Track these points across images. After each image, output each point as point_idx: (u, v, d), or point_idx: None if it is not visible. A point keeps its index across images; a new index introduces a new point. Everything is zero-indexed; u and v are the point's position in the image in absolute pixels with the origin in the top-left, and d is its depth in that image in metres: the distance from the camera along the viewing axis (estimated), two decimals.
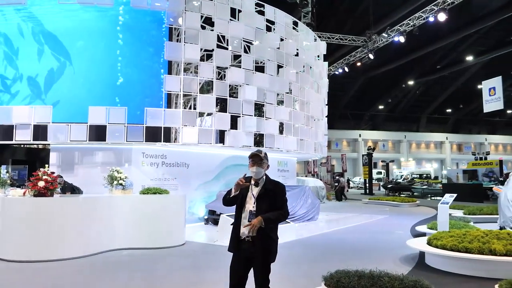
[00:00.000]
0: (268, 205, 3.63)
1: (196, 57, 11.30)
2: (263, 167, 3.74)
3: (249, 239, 3.63)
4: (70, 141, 10.43)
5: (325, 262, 7.18)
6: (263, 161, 3.73)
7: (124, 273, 6.40)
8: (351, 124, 51.35)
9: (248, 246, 3.64)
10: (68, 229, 7.40)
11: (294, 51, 13.85)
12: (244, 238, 3.65)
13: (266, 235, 3.62)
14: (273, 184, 3.78)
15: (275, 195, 3.70)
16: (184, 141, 11.11)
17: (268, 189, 3.71)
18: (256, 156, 3.73)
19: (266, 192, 3.69)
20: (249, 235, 3.61)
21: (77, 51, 11.30)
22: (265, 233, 3.61)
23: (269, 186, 3.73)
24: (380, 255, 7.78)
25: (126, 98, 11.21)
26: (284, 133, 13.46)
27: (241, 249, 3.68)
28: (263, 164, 3.73)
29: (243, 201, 3.74)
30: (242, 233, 3.65)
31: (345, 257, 7.60)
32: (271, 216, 3.59)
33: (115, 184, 8.70)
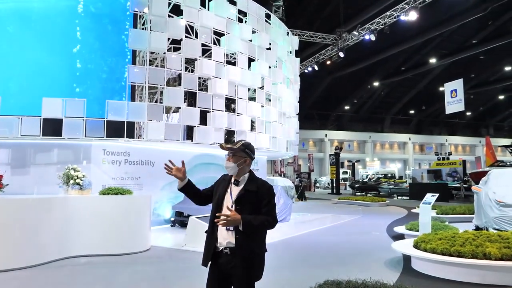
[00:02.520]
0: (249, 210, 2.89)
1: (163, 46, 10.50)
2: (237, 161, 2.97)
3: (227, 251, 2.90)
4: (21, 135, 9.38)
5: (306, 268, 6.62)
6: (236, 154, 2.98)
7: (80, 285, 5.57)
8: (317, 124, 51.49)
9: (226, 259, 2.90)
10: (14, 234, 6.45)
11: (266, 44, 13.28)
12: (222, 250, 2.92)
13: (246, 247, 2.88)
14: (256, 184, 3.00)
15: (259, 198, 2.95)
16: (149, 137, 10.29)
17: (250, 190, 2.94)
18: (228, 148, 3.00)
19: (246, 193, 2.94)
20: (227, 247, 2.89)
21: (31, 36, 10.22)
22: (245, 244, 2.87)
23: (251, 186, 2.96)
24: (363, 259, 7.30)
25: (85, 90, 10.26)
26: (256, 130, 12.86)
27: (217, 263, 2.95)
28: (235, 157, 2.97)
29: (219, 203, 2.99)
30: (220, 244, 2.92)
31: (327, 262, 7.06)
32: (252, 220, 2.83)
33: (71, 183, 7.80)
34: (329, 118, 53.08)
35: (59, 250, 7.01)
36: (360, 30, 23.04)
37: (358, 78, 43.17)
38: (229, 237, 2.88)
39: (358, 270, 6.04)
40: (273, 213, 2.99)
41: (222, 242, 2.90)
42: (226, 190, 3.01)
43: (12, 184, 8.84)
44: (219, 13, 11.58)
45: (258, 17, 12.98)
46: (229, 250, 2.88)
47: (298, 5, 29.63)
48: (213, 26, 11.48)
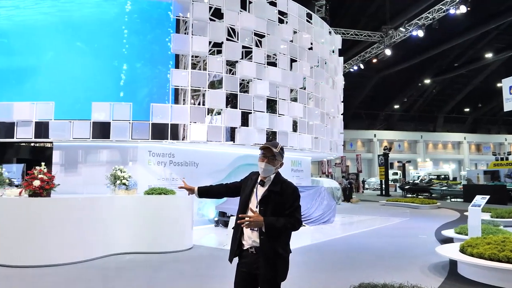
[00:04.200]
0: (272, 211, 2.87)
1: (204, 50, 10.72)
2: (275, 165, 2.96)
3: (253, 250, 2.90)
4: (72, 138, 9.92)
5: (345, 271, 6.49)
6: (276, 158, 2.96)
7: (122, 281, 5.81)
8: (365, 124, 50.29)
9: (251, 259, 2.91)
10: (65, 232, 6.84)
11: (308, 44, 13.18)
12: (247, 248, 2.93)
13: (270, 247, 2.85)
14: (280, 184, 2.97)
15: (284, 199, 2.92)
16: (192, 138, 10.52)
17: (274, 191, 2.92)
18: (268, 149, 2.97)
19: (271, 194, 2.92)
20: (252, 246, 2.89)
21: (81, 44, 10.80)
22: (269, 244, 2.85)
23: (276, 187, 2.94)
24: (405, 262, 7.05)
25: (132, 94, 10.67)
26: (298, 131, 12.78)
27: (242, 262, 2.97)
28: (275, 161, 2.96)
29: (245, 203, 3.00)
30: (245, 242, 2.94)
31: (367, 265, 6.89)
32: (275, 222, 2.81)
33: (118, 183, 8.16)
34: (377, 117, 51.70)
35: (105, 247, 7.34)
36: (407, 26, 22.28)
37: (408, 76, 41.74)
38: (253, 237, 2.89)
39: (398, 274, 5.87)
40: (297, 215, 2.94)
41: (248, 241, 2.91)
42: (252, 190, 3.01)
43: (65, 184, 9.38)
44: (260, 15, 11.63)
45: (299, 17, 12.90)
46: (254, 249, 2.89)
47: (342, 4, 29.16)
48: (253, 28, 11.56)
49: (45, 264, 6.50)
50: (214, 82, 13.86)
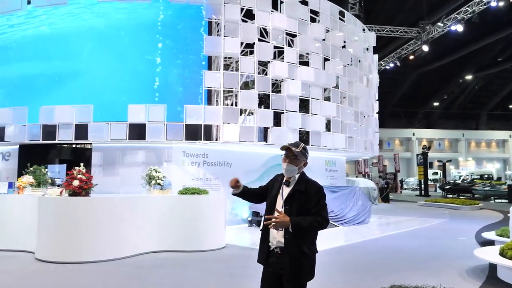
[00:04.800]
0: (298, 210, 2.89)
1: (236, 51, 10.81)
2: (297, 165, 2.99)
3: (278, 250, 2.93)
4: (110, 140, 10.27)
5: (378, 272, 6.38)
6: (298, 158, 2.99)
7: (155, 278, 5.96)
8: (403, 123, 48.99)
9: (276, 259, 2.94)
10: (102, 230, 7.11)
11: (341, 43, 13.01)
12: (273, 249, 2.95)
13: (296, 248, 2.88)
14: (305, 183, 3.00)
15: (309, 198, 2.94)
16: (225, 139, 10.63)
17: (300, 190, 2.95)
18: (289, 150, 3.01)
19: (296, 193, 2.95)
20: (277, 246, 2.92)
21: (117, 48, 11.17)
22: (295, 245, 2.87)
23: (300, 186, 2.97)
24: (441, 265, 6.85)
25: (166, 95, 10.93)
26: (332, 130, 12.65)
27: (268, 262, 2.99)
28: (297, 161, 2.99)
29: (272, 204, 3.02)
30: (271, 243, 2.96)
31: (401, 267, 6.74)
32: (302, 221, 2.83)
33: (153, 183, 8.39)
34: (416, 115, 50.26)
35: (140, 245, 7.55)
36: (445, 21, 21.55)
37: (447, 72, 40.33)
38: (279, 237, 2.91)
39: (433, 277, 5.71)
40: (324, 213, 2.96)
41: (273, 241, 2.94)
42: (278, 191, 3.04)
43: (103, 184, 9.76)
44: (291, 15, 11.60)
45: (331, 16, 12.76)
46: (279, 249, 2.91)
47: (377, 1, 28.57)
48: (285, 28, 11.54)
49: (82, 260, 6.77)
50: (249, 83, 13.96)
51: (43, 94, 11.24)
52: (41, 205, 7.26)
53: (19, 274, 6.23)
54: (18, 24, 11.92)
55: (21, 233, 7.65)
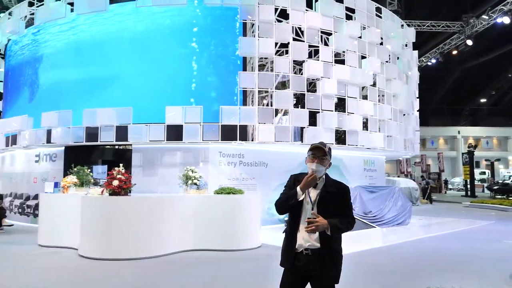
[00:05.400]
0: (330, 212, 2.89)
1: (270, 52, 10.84)
2: (325, 165, 2.95)
3: (308, 252, 2.89)
4: (149, 141, 10.58)
5: (415, 275, 6.21)
6: (326, 157, 2.95)
7: (191, 277, 6.10)
8: (448, 120, 47.18)
9: (305, 261, 2.89)
10: (141, 228, 7.34)
11: (378, 39, 12.73)
12: (302, 251, 2.91)
13: (331, 247, 2.89)
14: (336, 185, 3.01)
15: (340, 199, 2.95)
16: (260, 139, 10.68)
17: (330, 191, 2.94)
18: (319, 149, 2.96)
19: (327, 195, 2.93)
20: (308, 248, 2.89)
21: (154, 52, 11.49)
22: (330, 245, 2.88)
23: (331, 188, 2.96)
24: (484, 268, 6.57)
25: (202, 97, 11.13)
26: (369, 129, 12.41)
27: (297, 265, 2.93)
28: (325, 160, 2.95)
29: (298, 207, 2.98)
30: (299, 245, 2.92)
31: (440, 269, 6.52)
32: (338, 223, 2.85)
33: (190, 183, 8.57)
34: (461, 112, 48.28)
35: (178, 244, 7.73)
36: (490, 14, 20.56)
37: (495, 67, 38.50)
38: (311, 239, 2.89)
39: (473, 280, 5.50)
40: (352, 214, 3.02)
41: (302, 243, 2.90)
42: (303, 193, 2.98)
43: (143, 183, 10.08)
44: (326, 13, 11.49)
45: (367, 12, 12.52)
46: (310, 251, 2.88)
47: None
48: (320, 27, 11.45)
49: (122, 257, 7.02)
50: (286, 82, 13.96)
51: (86, 98, 11.74)
52: (84, 204, 7.59)
53: (63, 270, 6.55)
54: (61, 31, 12.55)
55: (65, 231, 8.04)
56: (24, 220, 12.55)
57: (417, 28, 22.21)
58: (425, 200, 22.37)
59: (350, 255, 7.56)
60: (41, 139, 11.60)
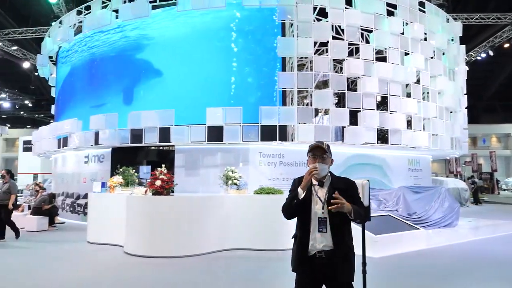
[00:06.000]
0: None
1: (309, 51, 10.78)
2: (327, 163, 2.92)
3: (322, 254, 2.84)
4: (190, 142, 10.82)
5: (458, 279, 5.99)
6: (326, 155, 2.92)
7: (230, 275, 6.19)
8: (501, 117, 44.68)
9: (320, 263, 2.84)
10: (183, 227, 7.55)
11: (421, 35, 12.32)
12: (315, 253, 2.85)
13: (345, 245, 2.88)
14: (342, 181, 2.99)
15: (349, 195, 2.90)
16: (300, 139, 10.64)
17: (339, 189, 2.87)
18: (318, 148, 2.92)
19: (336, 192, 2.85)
20: (321, 251, 2.83)
21: (194, 54, 11.75)
22: (343, 242, 2.87)
23: (339, 185, 2.92)
24: None
25: (241, 97, 11.25)
26: (413, 128, 12.04)
27: (312, 269, 2.87)
28: (326, 158, 2.92)
29: (306, 207, 2.91)
30: (312, 249, 2.85)
31: (485, 274, 6.27)
32: (361, 210, 2.88)
33: (230, 183, 8.71)
34: None
35: (218, 243, 7.88)
36: None
37: None
38: (325, 240, 2.85)
39: None
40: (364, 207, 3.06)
41: (317, 246, 2.85)
42: (311, 193, 2.93)
43: (185, 183, 10.33)
44: (366, 10, 11.27)
45: (410, 8, 12.15)
46: (324, 253, 2.83)
47: None
48: (360, 24, 11.25)
49: (164, 255, 7.25)
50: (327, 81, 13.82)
51: (131, 101, 12.19)
52: (128, 203, 7.90)
53: (110, 266, 6.85)
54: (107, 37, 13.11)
55: (112, 229, 8.40)
56: (75, 218, 13.22)
57: (465, 21, 21.29)
58: (473, 202, 21.46)
59: (391, 257, 7.41)
60: (89, 141, 12.17)
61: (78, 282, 5.81)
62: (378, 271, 6.35)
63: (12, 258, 7.58)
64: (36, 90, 29.30)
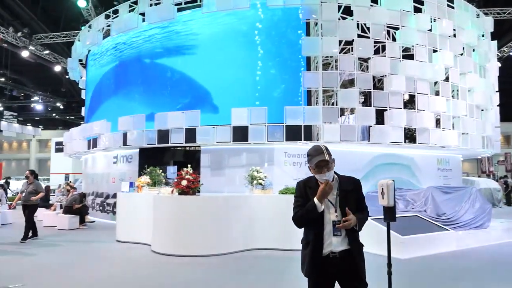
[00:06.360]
0: (351, 209, 2.84)
1: (334, 50, 10.69)
2: (332, 167, 2.90)
3: (336, 255, 2.83)
4: (216, 142, 10.92)
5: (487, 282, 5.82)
6: (329, 162, 2.87)
7: (255, 275, 6.23)
8: None
9: (334, 263, 2.83)
10: (208, 226, 7.63)
11: (449, 31, 12.02)
12: (328, 254, 2.84)
13: (358, 243, 2.91)
14: (350, 181, 3.00)
15: (357, 195, 2.98)
16: (325, 139, 10.57)
17: (348, 190, 2.92)
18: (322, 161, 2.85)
19: (347, 194, 2.91)
20: (335, 251, 2.83)
21: (220, 55, 11.85)
22: (356, 240, 2.89)
23: (347, 186, 2.94)
24: None
25: (266, 97, 11.27)
26: (441, 127, 11.76)
27: (326, 270, 2.85)
28: (330, 164, 2.88)
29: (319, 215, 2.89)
30: (326, 251, 2.84)
31: None
32: (362, 218, 2.91)
33: (255, 183, 8.75)
34: None
35: (244, 242, 7.92)
36: None
37: None
38: (341, 243, 2.84)
39: None
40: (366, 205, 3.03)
41: (331, 248, 2.84)
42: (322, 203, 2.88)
43: (211, 183, 10.44)
44: (392, 7, 11.09)
45: (437, 4, 11.87)
46: (338, 253, 2.83)
47: None
48: (386, 22, 11.09)
49: (190, 254, 7.35)
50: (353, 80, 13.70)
51: (157, 101, 12.42)
52: (155, 203, 8.04)
53: (137, 264, 7.01)
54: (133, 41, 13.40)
55: (140, 228, 8.57)
56: (105, 217, 13.56)
57: (497, 16, 20.61)
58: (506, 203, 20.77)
59: (419, 258, 7.28)
60: (118, 141, 12.45)
61: (108, 279, 5.97)
62: (404, 272, 6.25)
63: (46, 255, 7.85)
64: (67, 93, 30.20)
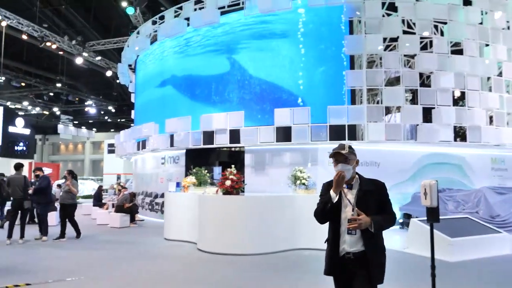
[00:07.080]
0: (371, 210, 2.82)
1: (378, 48, 10.50)
2: (351, 164, 2.92)
3: (350, 256, 2.86)
4: (260, 143, 11.04)
5: None
6: (348, 157, 2.91)
7: (296, 274, 6.26)
8: None
9: (349, 264, 2.87)
10: (252, 225, 7.75)
11: (502, 24, 11.45)
12: (344, 255, 2.88)
13: (377, 247, 2.86)
14: (372, 183, 2.97)
15: (379, 197, 2.92)
16: (370, 138, 10.42)
17: (368, 190, 2.90)
18: (338, 154, 2.92)
19: (365, 194, 2.89)
20: (350, 252, 2.85)
21: (263, 55, 11.97)
22: (376, 243, 2.85)
23: (368, 186, 2.92)
24: None
25: (309, 97, 11.27)
26: (495, 124, 11.24)
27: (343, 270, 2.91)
28: (349, 160, 2.91)
29: (336, 212, 2.94)
30: (342, 250, 2.89)
31: None
32: (381, 220, 2.82)
33: (298, 183, 8.76)
34: None
35: (287, 242, 7.97)
36: None
37: None
38: (355, 242, 2.86)
39: None
40: (392, 211, 2.96)
41: (347, 248, 2.87)
42: (341, 196, 2.94)
43: (255, 183, 10.58)
44: (439, 1, 10.73)
45: None
46: (352, 254, 2.85)
47: None
48: (432, 17, 10.74)
49: (235, 253, 7.48)
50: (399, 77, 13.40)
51: (203, 103, 12.74)
52: (201, 202, 8.27)
53: (183, 261, 7.24)
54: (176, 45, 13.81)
55: (186, 226, 8.84)
56: (154, 216, 14.07)
57: None
58: None
59: (469, 261, 7.02)
60: (165, 143, 12.88)
61: (156, 275, 6.23)
62: (452, 276, 6.06)
63: (99, 251, 8.29)
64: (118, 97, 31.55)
